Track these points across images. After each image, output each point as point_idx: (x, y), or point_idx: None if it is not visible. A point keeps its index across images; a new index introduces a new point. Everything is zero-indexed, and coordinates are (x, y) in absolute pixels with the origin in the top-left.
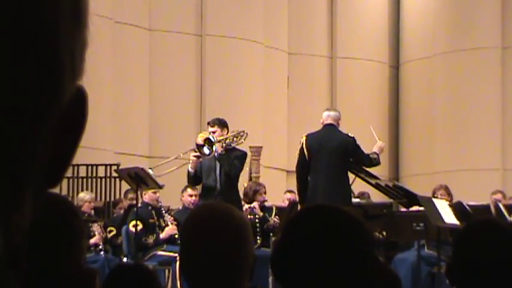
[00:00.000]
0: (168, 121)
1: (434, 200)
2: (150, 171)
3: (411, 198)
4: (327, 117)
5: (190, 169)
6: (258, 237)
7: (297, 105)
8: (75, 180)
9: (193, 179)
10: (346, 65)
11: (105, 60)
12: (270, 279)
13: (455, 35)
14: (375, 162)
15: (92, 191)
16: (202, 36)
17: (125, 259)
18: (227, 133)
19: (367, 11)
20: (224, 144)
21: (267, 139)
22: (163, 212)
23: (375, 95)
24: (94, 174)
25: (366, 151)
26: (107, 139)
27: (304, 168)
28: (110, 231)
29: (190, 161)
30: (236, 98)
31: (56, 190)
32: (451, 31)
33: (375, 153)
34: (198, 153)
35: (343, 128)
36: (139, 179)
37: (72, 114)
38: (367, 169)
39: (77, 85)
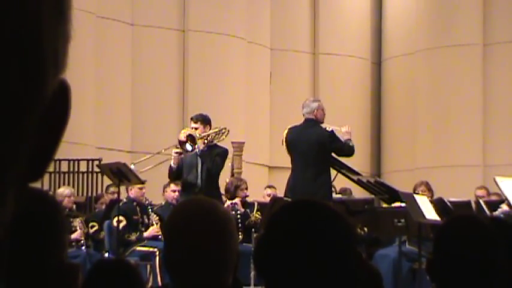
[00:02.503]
0: (150, 116)
1: (415, 196)
2: (132, 166)
3: (393, 194)
4: (303, 113)
5: (172, 164)
6: (239, 233)
7: (280, 101)
8: (57, 175)
9: (175, 174)
10: (328, 61)
11: (87, 55)
12: (252, 274)
13: (437, 32)
14: (352, 148)
15: (73, 186)
16: (185, 32)
17: (106, 254)
18: (209, 129)
19: (349, 8)
20: (206, 141)
21: (249, 135)
22: (149, 208)
23: (357, 91)
24: (76, 169)
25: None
26: (89, 134)
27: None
28: (92, 227)
29: (173, 157)
30: (218, 94)
31: (38, 185)
32: (433, 28)
33: (348, 139)
34: (179, 150)
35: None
36: (121, 174)
37: (55, 108)
38: (349, 165)
39: (60, 79)
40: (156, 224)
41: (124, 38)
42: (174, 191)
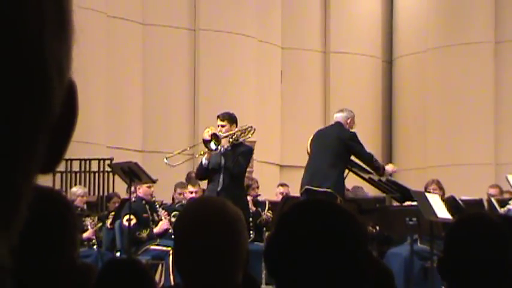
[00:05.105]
0: (162, 115)
1: (427, 194)
2: (165, 160)
3: (404, 193)
4: (335, 118)
5: (204, 160)
6: (251, 232)
7: (291, 100)
8: (68, 174)
9: (205, 172)
10: (339, 59)
11: (99, 54)
12: (264, 273)
13: (448, 30)
14: (376, 163)
15: (85, 185)
16: (196, 31)
17: (118, 254)
18: (235, 128)
19: (360, 6)
20: (231, 140)
21: (260, 134)
22: (157, 206)
23: (368, 90)
24: (87, 169)
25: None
26: (100, 133)
27: None
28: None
29: (206, 153)
30: (229, 93)
31: (50, 184)
32: (444, 26)
33: (383, 166)
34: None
35: None
36: (132, 173)
37: (63, 111)
38: (361, 164)
39: (67, 81)
40: (165, 218)
41: (135, 37)
42: (192, 192)
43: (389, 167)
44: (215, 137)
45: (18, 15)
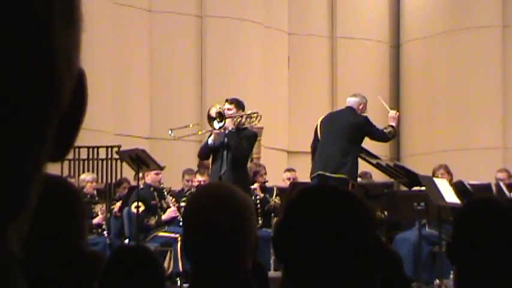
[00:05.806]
0: (169, 102)
1: (435, 179)
2: (170, 132)
3: (412, 178)
4: (347, 102)
5: (210, 141)
6: (259, 218)
7: (298, 86)
8: (76, 162)
9: (209, 152)
10: (346, 45)
11: (105, 41)
12: (272, 259)
13: (455, 14)
14: (390, 135)
15: (93, 172)
16: (203, 17)
17: (126, 241)
18: None
19: None
20: (236, 122)
21: (267, 120)
22: (165, 193)
23: (375, 75)
24: (95, 156)
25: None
26: (108, 121)
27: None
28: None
29: (213, 133)
30: (236, 79)
31: (57, 172)
32: (451, 10)
33: (391, 125)
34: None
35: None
36: (140, 160)
37: (73, 100)
38: (369, 149)
39: (77, 70)
40: (173, 205)
41: (141, 24)
42: (200, 182)
43: (393, 117)
44: (220, 115)
45: (28, 7)
